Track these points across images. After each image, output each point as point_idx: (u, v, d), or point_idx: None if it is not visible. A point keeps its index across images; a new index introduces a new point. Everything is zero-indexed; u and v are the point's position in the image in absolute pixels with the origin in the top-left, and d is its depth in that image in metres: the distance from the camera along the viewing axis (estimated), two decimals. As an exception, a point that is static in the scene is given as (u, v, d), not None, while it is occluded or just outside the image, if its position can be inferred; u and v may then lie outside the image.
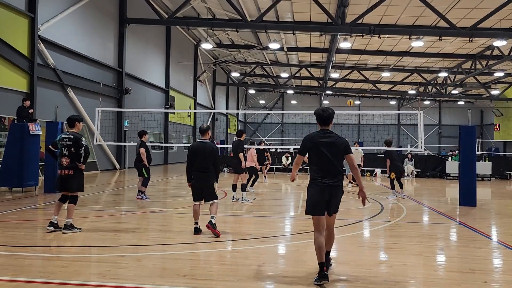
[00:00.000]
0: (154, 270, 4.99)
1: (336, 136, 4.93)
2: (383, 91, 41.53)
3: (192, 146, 6.92)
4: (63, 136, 7.11)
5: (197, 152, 6.80)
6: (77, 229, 6.95)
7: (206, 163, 6.76)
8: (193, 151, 6.84)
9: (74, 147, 6.94)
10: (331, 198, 4.86)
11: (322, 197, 4.85)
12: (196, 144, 6.93)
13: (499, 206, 11.80)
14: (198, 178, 6.79)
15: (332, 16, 20.04)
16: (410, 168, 21.65)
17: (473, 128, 11.28)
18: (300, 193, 13.51)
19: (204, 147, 6.82)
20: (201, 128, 7.08)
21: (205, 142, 6.92)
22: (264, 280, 4.76)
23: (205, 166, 6.77)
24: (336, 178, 4.84)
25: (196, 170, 6.78)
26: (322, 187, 4.82)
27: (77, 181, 7.02)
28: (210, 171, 6.79)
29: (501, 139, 42.92)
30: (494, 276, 5.16)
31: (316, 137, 4.90)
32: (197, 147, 6.85)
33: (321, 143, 4.84)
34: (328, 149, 4.81)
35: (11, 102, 14.49)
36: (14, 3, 14.86)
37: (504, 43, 22.56)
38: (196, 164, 6.78)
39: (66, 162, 6.95)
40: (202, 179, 6.77)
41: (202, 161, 6.75)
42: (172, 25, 27.81)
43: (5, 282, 4.48)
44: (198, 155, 6.78)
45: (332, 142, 4.85)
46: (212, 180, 6.83)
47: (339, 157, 4.86)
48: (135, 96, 23.90)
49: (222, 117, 44.76)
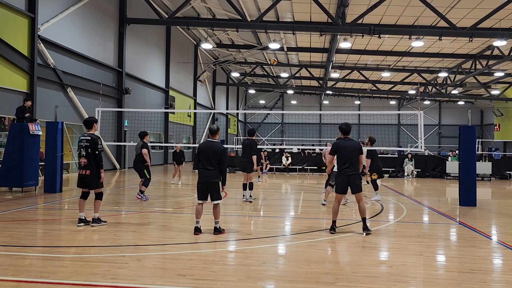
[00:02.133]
0: (154, 270, 4.99)
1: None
2: (383, 91, 41.55)
3: (200, 145, 7.04)
4: (81, 138, 7.52)
5: (203, 150, 6.90)
6: (103, 222, 7.50)
7: (210, 161, 6.83)
8: (199, 149, 6.95)
9: (91, 148, 7.37)
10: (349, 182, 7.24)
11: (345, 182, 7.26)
12: (204, 142, 7.04)
13: (499, 206, 11.80)
14: (203, 176, 6.85)
15: (332, 16, 20.04)
16: (410, 168, 21.65)
17: (473, 128, 11.27)
18: (300, 193, 13.51)
19: (211, 146, 6.90)
20: (211, 129, 7.16)
21: (213, 141, 6.99)
22: (264, 280, 4.76)
23: (209, 164, 6.83)
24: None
25: (201, 168, 6.88)
26: (345, 175, 7.21)
27: (95, 180, 7.46)
28: (215, 170, 6.83)
29: (501, 139, 42.92)
30: (494, 276, 5.16)
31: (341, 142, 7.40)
32: (204, 145, 6.95)
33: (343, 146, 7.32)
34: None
35: (11, 102, 14.50)
36: (14, 3, 14.87)
37: (504, 43, 22.56)
38: (202, 162, 6.88)
39: (84, 163, 7.38)
40: (207, 177, 6.82)
41: (207, 160, 6.83)
42: (172, 25, 27.82)
43: (5, 282, 4.48)
44: (204, 153, 6.87)
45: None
46: (217, 179, 6.88)
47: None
48: (135, 96, 23.90)
49: (222, 117, 44.76)
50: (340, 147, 7.28)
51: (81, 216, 7.40)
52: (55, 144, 12.09)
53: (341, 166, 7.25)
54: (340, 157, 7.28)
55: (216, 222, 6.98)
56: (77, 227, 7.23)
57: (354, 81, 40.83)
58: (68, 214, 8.44)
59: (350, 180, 7.15)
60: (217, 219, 7.00)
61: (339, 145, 7.29)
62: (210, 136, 7.14)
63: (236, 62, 36.56)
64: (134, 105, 23.41)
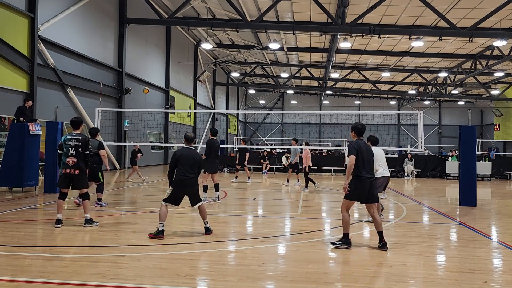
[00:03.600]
0: (154, 270, 4.99)
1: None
2: (383, 91, 41.55)
3: (178, 153, 6.95)
4: (69, 137, 7.42)
5: (184, 159, 6.88)
6: (95, 222, 7.43)
7: (193, 169, 6.90)
8: (180, 157, 6.89)
9: (82, 148, 7.36)
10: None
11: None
12: (184, 150, 6.99)
13: (499, 206, 11.80)
14: (185, 184, 6.86)
15: (332, 16, 20.04)
16: (410, 168, 21.66)
17: (473, 128, 11.27)
18: (300, 193, 13.51)
19: (192, 154, 6.97)
20: (189, 137, 7.23)
21: (192, 149, 7.09)
22: (264, 280, 4.76)
23: (191, 172, 6.88)
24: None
25: (182, 175, 6.83)
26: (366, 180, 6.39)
27: (83, 179, 7.46)
28: (195, 176, 6.94)
29: (501, 139, 42.92)
30: (494, 276, 5.16)
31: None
32: (185, 153, 6.94)
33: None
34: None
35: (11, 102, 14.50)
36: (14, 3, 14.87)
37: (504, 43, 22.57)
38: (183, 170, 6.84)
39: (73, 162, 7.30)
40: (191, 185, 6.90)
41: (189, 167, 6.86)
42: (172, 25, 27.82)
43: (5, 282, 4.48)
44: (185, 162, 6.86)
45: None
46: (197, 185, 7.03)
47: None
48: (135, 96, 23.90)
49: (222, 117, 44.76)
50: (362, 148, 6.44)
51: (59, 217, 7.28)
52: (55, 144, 12.06)
53: (362, 170, 6.36)
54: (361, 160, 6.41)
55: (205, 222, 7.01)
56: (55, 228, 7.13)
57: (354, 81, 40.83)
58: (68, 214, 8.44)
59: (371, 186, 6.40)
60: (206, 219, 7.03)
61: (360, 145, 6.45)
62: (186, 143, 7.18)
63: (236, 62, 36.56)
64: (134, 105, 23.41)
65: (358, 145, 6.39)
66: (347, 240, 6.23)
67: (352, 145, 6.39)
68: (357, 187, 6.29)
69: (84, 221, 7.36)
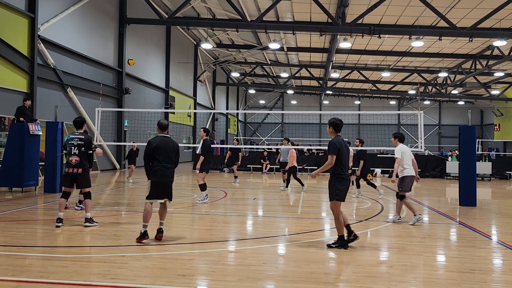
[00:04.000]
0: (154, 270, 4.99)
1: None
2: (383, 91, 41.55)
3: (153, 141, 6.46)
4: (72, 137, 7.53)
5: (161, 147, 6.41)
6: (95, 222, 7.42)
7: (170, 159, 6.47)
8: (156, 146, 6.40)
9: (85, 147, 7.45)
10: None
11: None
12: (159, 138, 6.50)
13: (499, 206, 11.80)
14: (163, 175, 6.39)
15: (332, 16, 20.04)
16: (410, 168, 21.62)
17: (473, 128, 11.27)
18: (300, 193, 13.51)
19: (169, 142, 6.51)
20: (162, 124, 6.68)
21: (168, 137, 6.61)
22: (264, 280, 4.76)
23: (169, 162, 6.47)
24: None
25: (160, 165, 6.38)
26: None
27: (86, 178, 7.55)
28: (172, 168, 6.53)
29: (501, 139, 42.92)
30: (494, 276, 5.16)
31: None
32: (161, 141, 6.45)
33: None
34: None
35: (11, 102, 14.50)
36: (14, 3, 14.86)
37: (504, 43, 22.56)
38: (160, 159, 6.38)
39: (76, 161, 7.39)
40: (167, 176, 6.45)
41: (167, 157, 6.42)
42: (172, 25, 27.80)
43: (5, 282, 4.48)
44: (162, 150, 6.40)
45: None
46: (173, 177, 6.61)
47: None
48: (135, 96, 23.90)
49: (222, 117, 44.76)
50: (342, 146, 6.21)
51: (60, 216, 7.32)
52: (55, 144, 12.08)
53: (343, 169, 6.24)
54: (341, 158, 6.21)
55: (161, 223, 6.51)
56: (56, 227, 7.13)
57: (354, 81, 40.83)
58: (68, 214, 8.43)
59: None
60: (163, 220, 6.55)
61: (341, 143, 6.22)
62: (161, 131, 6.64)
63: (236, 62, 36.56)
64: (134, 105, 23.41)
65: (339, 143, 6.14)
66: (343, 242, 6.14)
67: (334, 143, 6.12)
68: (344, 186, 6.24)
69: (85, 220, 7.38)
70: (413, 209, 8.25)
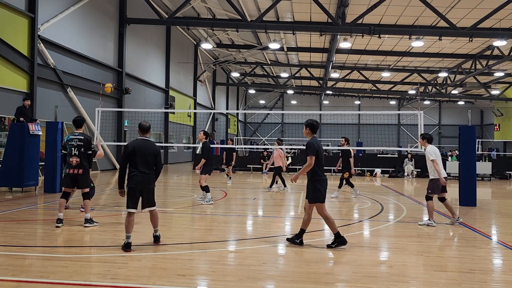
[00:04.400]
0: (154, 270, 4.99)
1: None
2: (383, 91, 41.54)
3: (131, 144, 5.99)
4: (71, 137, 7.50)
5: (138, 151, 5.93)
6: (95, 222, 7.43)
7: (148, 164, 5.97)
8: (133, 150, 5.92)
9: (84, 147, 7.43)
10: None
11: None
12: (138, 142, 6.04)
13: (499, 206, 11.80)
14: (138, 181, 5.91)
15: (332, 16, 20.04)
16: (410, 168, 21.65)
17: (473, 128, 11.28)
18: (300, 193, 13.50)
19: (148, 146, 6.01)
20: (143, 126, 6.18)
21: (148, 140, 6.14)
22: (264, 280, 4.76)
23: (147, 167, 5.97)
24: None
25: (136, 171, 5.92)
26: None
27: (86, 179, 7.53)
28: (151, 173, 6.06)
29: (501, 139, 42.92)
30: (494, 276, 5.16)
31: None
32: (139, 145, 5.97)
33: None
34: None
35: (11, 102, 14.50)
36: (14, 3, 14.86)
37: (504, 43, 22.57)
38: (137, 164, 5.92)
39: (76, 162, 7.38)
40: (144, 182, 5.96)
41: (144, 162, 5.94)
42: (172, 25, 27.81)
43: (5, 282, 4.48)
44: (139, 154, 5.92)
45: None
46: (153, 183, 6.16)
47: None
48: (135, 96, 23.90)
49: (222, 117, 44.77)
50: (320, 147, 6.28)
51: (60, 216, 7.32)
52: (55, 144, 12.08)
53: (322, 170, 6.31)
54: (320, 159, 6.27)
55: (156, 230, 6.28)
56: (56, 228, 7.14)
57: (354, 81, 40.82)
58: (68, 214, 8.43)
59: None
60: (156, 227, 6.29)
61: (319, 144, 6.28)
62: (141, 134, 6.17)
63: (236, 62, 36.56)
64: (134, 105, 23.41)
65: (316, 144, 6.17)
66: (341, 239, 6.13)
67: (312, 144, 6.12)
68: (325, 187, 6.31)
69: (84, 221, 7.38)
70: (433, 214, 8.28)
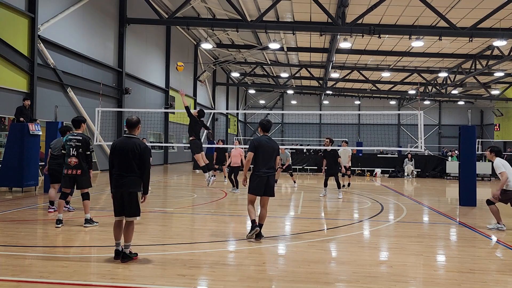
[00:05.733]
0: (154, 270, 4.99)
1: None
2: (383, 91, 41.53)
3: (114, 142, 5.39)
4: (70, 137, 7.47)
5: (117, 150, 5.29)
6: (95, 222, 7.44)
7: (127, 164, 5.25)
8: (113, 149, 5.34)
9: (82, 148, 7.40)
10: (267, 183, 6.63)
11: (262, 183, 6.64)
12: (120, 139, 5.40)
13: (499, 206, 11.77)
14: (117, 185, 5.28)
15: (332, 16, 20.03)
16: (410, 168, 21.65)
17: (473, 128, 11.28)
18: (300, 193, 13.51)
19: (130, 144, 5.27)
20: (130, 121, 5.46)
21: (130, 137, 5.38)
22: (264, 280, 4.76)
23: (125, 169, 5.26)
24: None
25: (116, 174, 5.30)
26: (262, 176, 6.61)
27: (85, 179, 7.53)
28: (131, 176, 5.27)
29: (501, 139, 42.92)
30: (494, 276, 5.16)
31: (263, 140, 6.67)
32: (118, 143, 5.32)
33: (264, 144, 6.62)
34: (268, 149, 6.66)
35: (11, 102, 14.49)
36: (14, 3, 14.86)
37: (504, 43, 22.56)
38: (116, 166, 5.31)
39: (75, 162, 7.36)
40: (122, 186, 5.26)
41: (123, 162, 5.25)
42: (172, 25, 27.81)
43: (5, 282, 4.48)
44: (118, 154, 5.28)
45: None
46: (134, 188, 5.28)
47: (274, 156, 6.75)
48: (135, 96, 23.90)
49: (222, 117, 44.76)
50: (261, 145, 6.59)
51: (59, 217, 7.32)
52: (55, 144, 12.07)
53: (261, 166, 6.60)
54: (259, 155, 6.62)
55: (126, 246, 5.30)
56: (56, 228, 7.14)
57: (354, 81, 40.81)
58: (68, 214, 8.44)
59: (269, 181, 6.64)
60: (128, 242, 5.31)
61: (261, 142, 6.61)
62: (128, 130, 5.48)
63: (236, 62, 36.55)
64: (134, 105, 23.40)
65: (258, 142, 6.62)
66: (253, 226, 6.58)
67: (252, 142, 6.67)
68: (255, 181, 6.66)
69: (84, 221, 7.38)
70: (500, 217, 8.19)
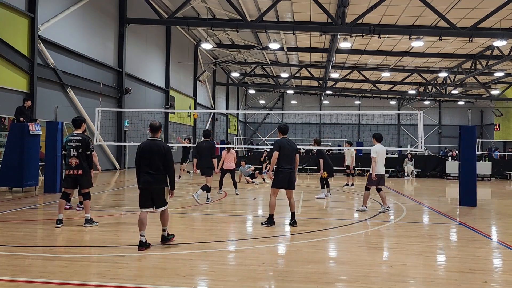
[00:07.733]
0: (154, 270, 4.99)
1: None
2: (383, 91, 41.55)
3: (140, 145, 6.16)
4: (70, 138, 7.49)
5: (143, 152, 6.09)
6: (95, 222, 7.45)
7: (154, 164, 6.04)
8: (141, 150, 6.10)
9: (82, 148, 7.43)
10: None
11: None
12: (145, 142, 6.17)
13: (499, 206, 11.80)
14: (145, 181, 6.05)
15: (332, 16, 20.04)
16: (410, 168, 21.65)
17: (473, 128, 11.27)
18: (300, 193, 13.51)
19: (153, 146, 6.08)
20: (153, 125, 6.27)
21: (155, 140, 6.19)
22: (264, 280, 4.76)
23: (152, 168, 6.05)
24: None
25: (144, 172, 6.07)
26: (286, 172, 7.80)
27: (87, 179, 7.58)
28: (158, 174, 6.06)
29: (501, 139, 42.93)
30: (494, 276, 5.16)
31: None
32: (146, 145, 6.10)
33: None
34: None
35: (11, 102, 14.50)
36: (14, 3, 14.86)
37: (504, 43, 22.57)
38: (144, 165, 6.08)
39: (75, 163, 7.39)
40: (150, 182, 6.04)
41: (150, 163, 6.04)
42: (172, 25, 27.81)
43: (5, 282, 4.48)
44: (145, 155, 6.07)
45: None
46: (161, 184, 6.11)
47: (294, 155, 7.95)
48: (135, 96, 23.90)
49: (222, 117, 44.76)
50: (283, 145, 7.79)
51: (60, 217, 7.32)
52: (55, 144, 12.08)
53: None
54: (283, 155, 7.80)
55: (164, 229, 6.31)
56: (56, 228, 7.15)
57: (354, 81, 40.83)
58: (68, 214, 8.44)
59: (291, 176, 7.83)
60: (165, 226, 6.31)
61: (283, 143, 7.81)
62: (151, 134, 6.28)
63: (236, 62, 36.56)
64: (134, 105, 23.40)
65: (281, 143, 7.79)
66: (271, 221, 7.76)
67: (276, 143, 7.83)
68: (279, 176, 7.78)
69: (84, 221, 7.38)
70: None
